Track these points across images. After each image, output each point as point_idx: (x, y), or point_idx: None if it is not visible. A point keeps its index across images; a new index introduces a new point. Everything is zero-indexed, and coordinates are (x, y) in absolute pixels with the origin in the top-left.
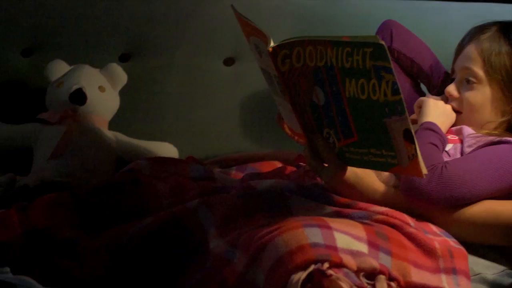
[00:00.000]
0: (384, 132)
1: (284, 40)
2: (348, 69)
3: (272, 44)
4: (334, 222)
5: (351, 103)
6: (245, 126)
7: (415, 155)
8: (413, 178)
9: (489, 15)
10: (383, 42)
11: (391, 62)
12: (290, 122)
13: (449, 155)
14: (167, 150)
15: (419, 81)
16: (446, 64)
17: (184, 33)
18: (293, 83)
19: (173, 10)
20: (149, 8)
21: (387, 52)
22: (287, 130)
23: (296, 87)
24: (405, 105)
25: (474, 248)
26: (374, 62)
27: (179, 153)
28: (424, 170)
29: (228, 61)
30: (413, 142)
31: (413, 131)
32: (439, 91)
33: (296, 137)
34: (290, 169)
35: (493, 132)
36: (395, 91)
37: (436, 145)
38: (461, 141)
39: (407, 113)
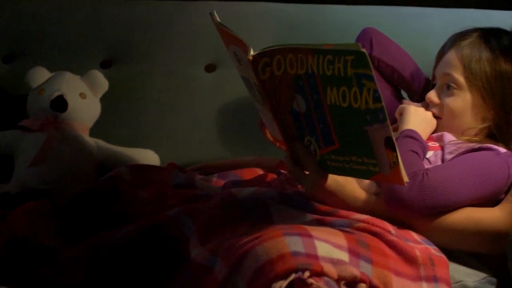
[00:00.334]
0: (365, 140)
1: (265, 48)
2: (329, 77)
3: (252, 52)
4: (315, 231)
5: (332, 111)
6: (227, 132)
7: (396, 163)
8: (395, 185)
9: (469, 21)
10: (364, 50)
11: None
12: (272, 129)
13: (430, 162)
14: (149, 157)
15: (400, 88)
16: (427, 71)
17: (165, 39)
18: (274, 91)
19: (154, 16)
20: (130, 14)
21: (369, 60)
22: (269, 136)
23: (277, 94)
24: (386, 113)
25: (456, 255)
26: (355, 70)
27: (161, 159)
28: (406, 178)
29: (210, 68)
30: (395, 150)
31: (394, 139)
32: (420, 98)
33: (278, 144)
34: (271, 176)
35: (474, 138)
36: (377, 99)
37: (416, 153)
38: (442, 148)
39: (388, 121)
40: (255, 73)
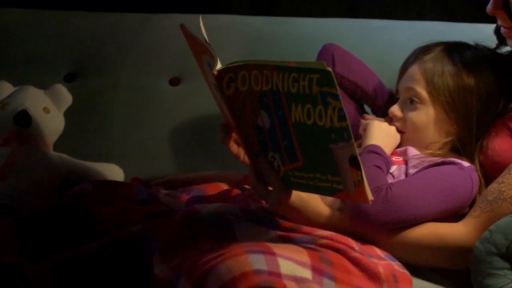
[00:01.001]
0: (329, 158)
1: (230, 64)
2: (294, 94)
3: (218, 66)
4: (278, 248)
5: (296, 128)
6: (192, 146)
7: (361, 181)
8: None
9: (433, 34)
10: (330, 69)
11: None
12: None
13: (394, 177)
14: (113, 171)
15: (363, 103)
16: (391, 84)
17: (129, 52)
18: (238, 106)
19: (118, 29)
20: (94, 27)
21: (334, 78)
22: (232, 149)
23: (241, 110)
24: (351, 131)
25: (419, 271)
26: (320, 88)
27: (125, 174)
28: (370, 196)
29: (174, 81)
30: (360, 169)
31: (359, 158)
32: (384, 113)
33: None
34: (235, 191)
35: (437, 152)
36: (342, 118)
37: (380, 167)
38: (406, 162)
39: (353, 140)
40: (220, 88)
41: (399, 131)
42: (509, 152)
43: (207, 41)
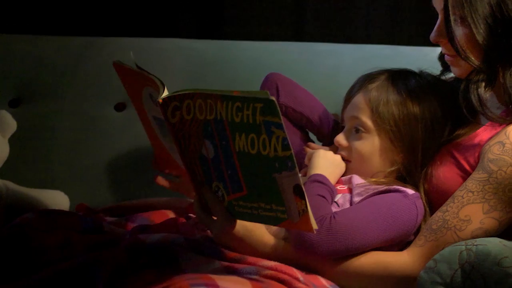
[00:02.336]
0: (274, 187)
1: (174, 92)
2: (238, 123)
3: (164, 94)
4: (221, 280)
5: (240, 157)
6: (137, 172)
7: (305, 211)
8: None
9: (379, 57)
10: (273, 98)
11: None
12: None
13: (338, 205)
14: (58, 198)
15: (309, 132)
16: (337, 108)
17: (74, 78)
18: (183, 135)
19: (62, 54)
20: (39, 51)
21: (278, 108)
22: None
23: (186, 139)
24: (295, 160)
25: None
26: (264, 118)
27: (71, 201)
28: (315, 225)
29: (119, 107)
30: (304, 198)
31: (303, 187)
32: (329, 141)
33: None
34: (181, 220)
35: (382, 180)
36: (286, 147)
37: (324, 197)
38: (351, 191)
39: (297, 169)
40: (164, 116)
41: (345, 160)
42: (453, 180)
43: (147, 71)
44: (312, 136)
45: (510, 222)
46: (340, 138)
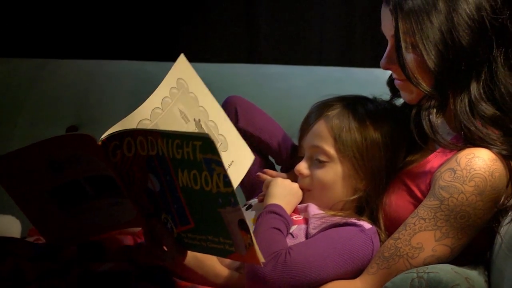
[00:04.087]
0: (219, 221)
1: (113, 133)
2: (179, 160)
3: (104, 135)
4: None
5: (185, 192)
6: None
7: (251, 244)
8: (256, 265)
9: (331, 79)
10: (210, 136)
11: (221, 155)
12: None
13: (293, 236)
14: (10, 223)
15: (268, 157)
16: (290, 131)
17: (25, 101)
18: (127, 172)
19: (13, 77)
20: None
21: (216, 146)
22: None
23: (130, 175)
24: (237, 197)
25: None
26: (204, 155)
27: (22, 226)
28: (261, 258)
29: (71, 129)
30: (249, 232)
31: (247, 221)
32: (288, 166)
33: None
34: (133, 246)
35: (339, 213)
36: (227, 184)
37: (279, 229)
38: (306, 221)
39: (240, 205)
40: (106, 157)
41: (305, 189)
42: (405, 207)
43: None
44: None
45: (462, 248)
46: (301, 167)
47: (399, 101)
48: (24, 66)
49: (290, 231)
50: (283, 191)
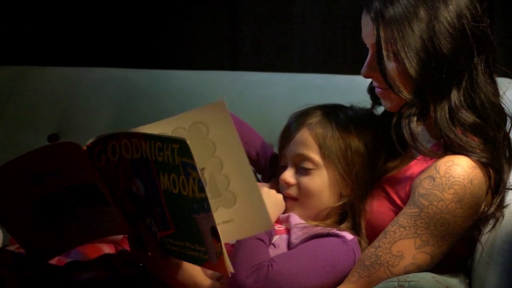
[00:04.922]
0: (195, 228)
1: (97, 137)
2: (160, 163)
3: (89, 140)
4: None
5: (166, 196)
6: None
7: (221, 253)
8: (238, 276)
9: (312, 86)
10: (186, 140)
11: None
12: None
13: (275, 246)
14: None
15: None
16: (271, 138)
17: (6, 108)
18: (112, 176)
19: None
20: None
21: (190, 150)
22: None
23: (115, 178)
24: (210, 203)
25: None
26: (181, 159)
27: (4, 235)
28: (230, 269)
29: (52, 138)
30: (219, 240)
31: (219, 229)
32: (268, 175)
33: None
34: (115, 254)
35: (321, 224)
36: (201, 189)
37: (262, 240)
38: (288, 231)
39: (212, 212)
40: (91, 162)
41: (291, 198)
42: (385, 215)
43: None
44: None
45: (442, 256)
46: (287, 176)
47: (380, 109)
48: (5, 74)
49: (272, 241)
50: (267, 202)
